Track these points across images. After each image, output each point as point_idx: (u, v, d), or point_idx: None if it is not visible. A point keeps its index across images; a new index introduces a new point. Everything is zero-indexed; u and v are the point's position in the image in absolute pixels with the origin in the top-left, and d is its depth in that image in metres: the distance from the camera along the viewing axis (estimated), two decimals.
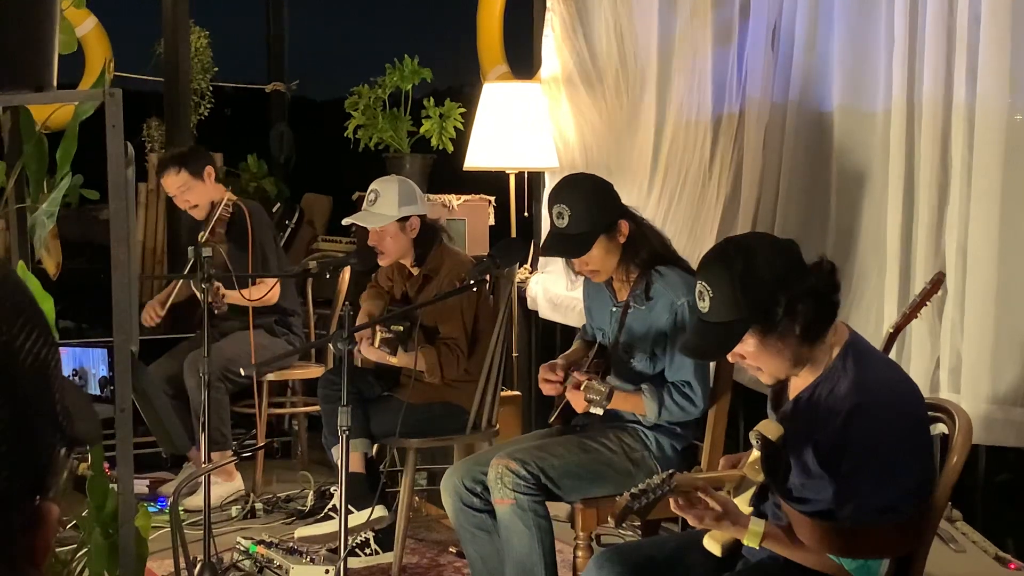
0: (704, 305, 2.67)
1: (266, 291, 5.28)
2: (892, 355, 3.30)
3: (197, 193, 5.36)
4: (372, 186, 4.57)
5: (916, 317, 3.29)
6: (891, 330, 3.29)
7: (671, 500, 2.63)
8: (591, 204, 3.54)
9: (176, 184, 5.35)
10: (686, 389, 3.53)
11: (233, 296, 5.10)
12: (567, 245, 3.60)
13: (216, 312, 4.93)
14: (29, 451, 0.91)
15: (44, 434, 0.93)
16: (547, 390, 3.67)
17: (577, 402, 3.54)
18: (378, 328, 4.32)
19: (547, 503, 3.58)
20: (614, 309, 3.70)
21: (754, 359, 2.68)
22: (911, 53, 3.73)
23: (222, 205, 5.29)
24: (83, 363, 5.36)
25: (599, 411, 3.50)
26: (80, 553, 2.55)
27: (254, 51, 8.65)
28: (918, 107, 3.71)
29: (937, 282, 3.29)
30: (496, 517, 3.64)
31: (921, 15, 3.69)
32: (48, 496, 0.94)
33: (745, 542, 2.66)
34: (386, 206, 4.48)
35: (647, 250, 3.59)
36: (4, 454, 0.89)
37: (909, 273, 3.75)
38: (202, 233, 5.20)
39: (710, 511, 2.63)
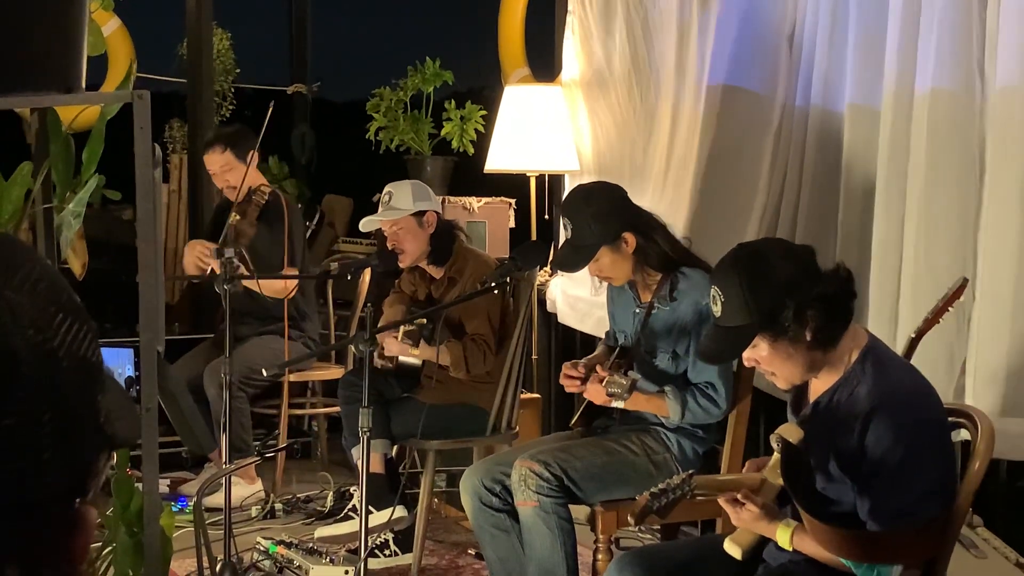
0: (717, 309, 2.70)
1: (282, 284, 5.27)
2: (914, 360, 3.29)
3: (238, 175, 5.28)
4: (386, 188, 4.61)
5: (939, 322, 3.28)
6: (913, 335, 3.29)
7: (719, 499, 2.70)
8: (593, 218, 3.59)
9: (219, 163, 5.35)
10: (709, 391, 3.54)
11: (250, 283, 5.03)
12: (569, 257, 3.67)
13: (227, 287, 4.83)
14: (71, 456, 0.90)
15: (86, 438, 0.91)
16: (568, 386, 3.69)
17: (597, 395, 3.53)
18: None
19: (568, 506, 3.59)
20: (637, 311, 3.72)
21: (767, 364, 2.70)
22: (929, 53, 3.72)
23: (258, 189, 5.25)
24: (109, 363, 5.36)
25: (620, 403, 3.51)
26: (105, 552, 2.57)
27: (276, 53, 8.69)
28: (935, 106, 3.67)
29: (961, 287, 3.28)
30: (515, 518, 3.65)
31: (940, 17, 3.66)
32: (87, 498, 0.93)
33: (777, 539, 2.68)
34: (401, 202, 4.52)
35: (657, 255, 3.62)
36: (47, 461, 0.88)
37: (924, 278, 3.73)
38: (233, 214, 5.18)
39: (747, 511, 2.68)
